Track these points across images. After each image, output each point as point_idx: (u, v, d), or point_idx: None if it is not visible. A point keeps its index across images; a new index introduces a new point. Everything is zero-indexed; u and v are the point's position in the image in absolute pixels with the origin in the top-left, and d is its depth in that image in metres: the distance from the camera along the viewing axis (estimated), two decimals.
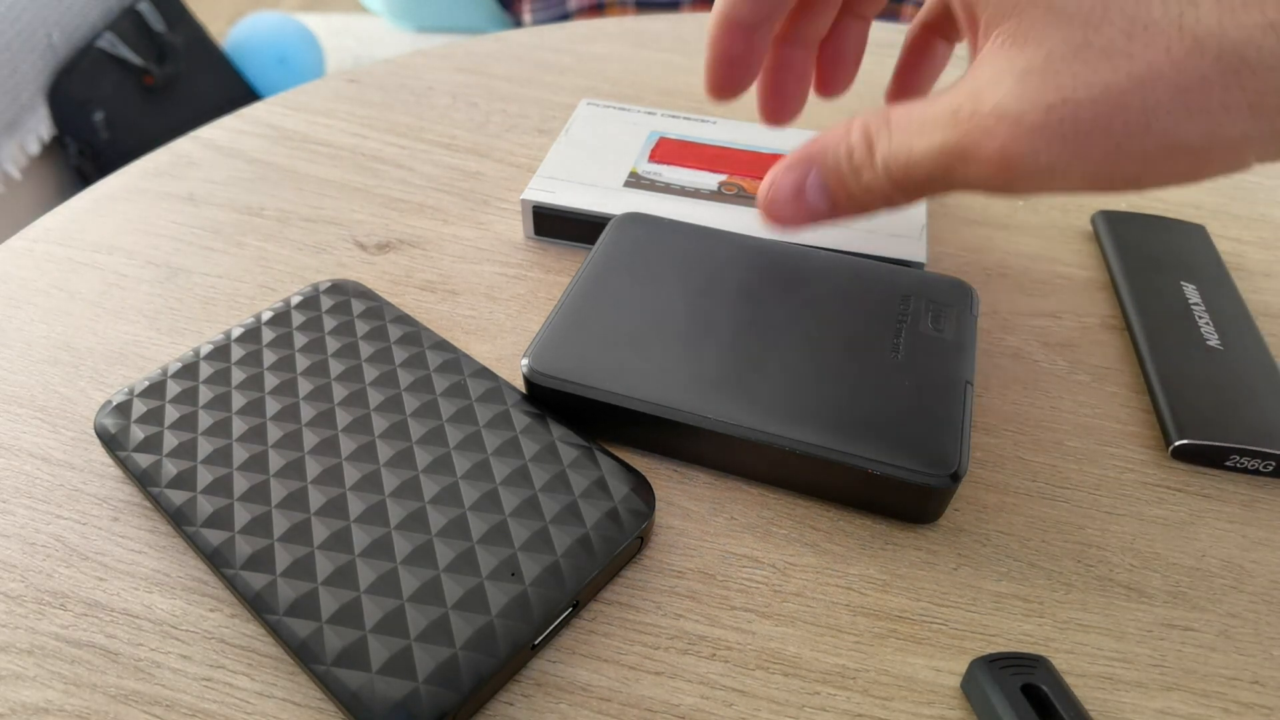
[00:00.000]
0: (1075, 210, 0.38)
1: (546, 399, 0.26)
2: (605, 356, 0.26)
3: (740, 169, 0.36)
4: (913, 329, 0.27)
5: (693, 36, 0.51)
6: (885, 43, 0.51)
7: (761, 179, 0.31)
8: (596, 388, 0.26)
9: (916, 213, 0.34)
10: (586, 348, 0.27)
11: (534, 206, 0.34)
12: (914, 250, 0.32)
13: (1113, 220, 0.36)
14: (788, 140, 0.38)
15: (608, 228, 0.31)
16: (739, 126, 0.39)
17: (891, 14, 1.39)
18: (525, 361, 0.26)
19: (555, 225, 0.34)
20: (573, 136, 0.37)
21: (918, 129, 0.21)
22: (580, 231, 0.34)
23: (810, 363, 0.26)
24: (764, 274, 0.29)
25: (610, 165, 0.36)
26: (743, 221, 0.33)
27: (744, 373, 0.26)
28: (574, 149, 0.36)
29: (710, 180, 0.35)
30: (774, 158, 0.36)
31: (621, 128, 0.38)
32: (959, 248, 0.35)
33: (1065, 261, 0.35)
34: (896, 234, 0.33)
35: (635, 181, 0.35)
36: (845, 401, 0.25)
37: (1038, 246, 0.36)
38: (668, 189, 0.34)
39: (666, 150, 0.37)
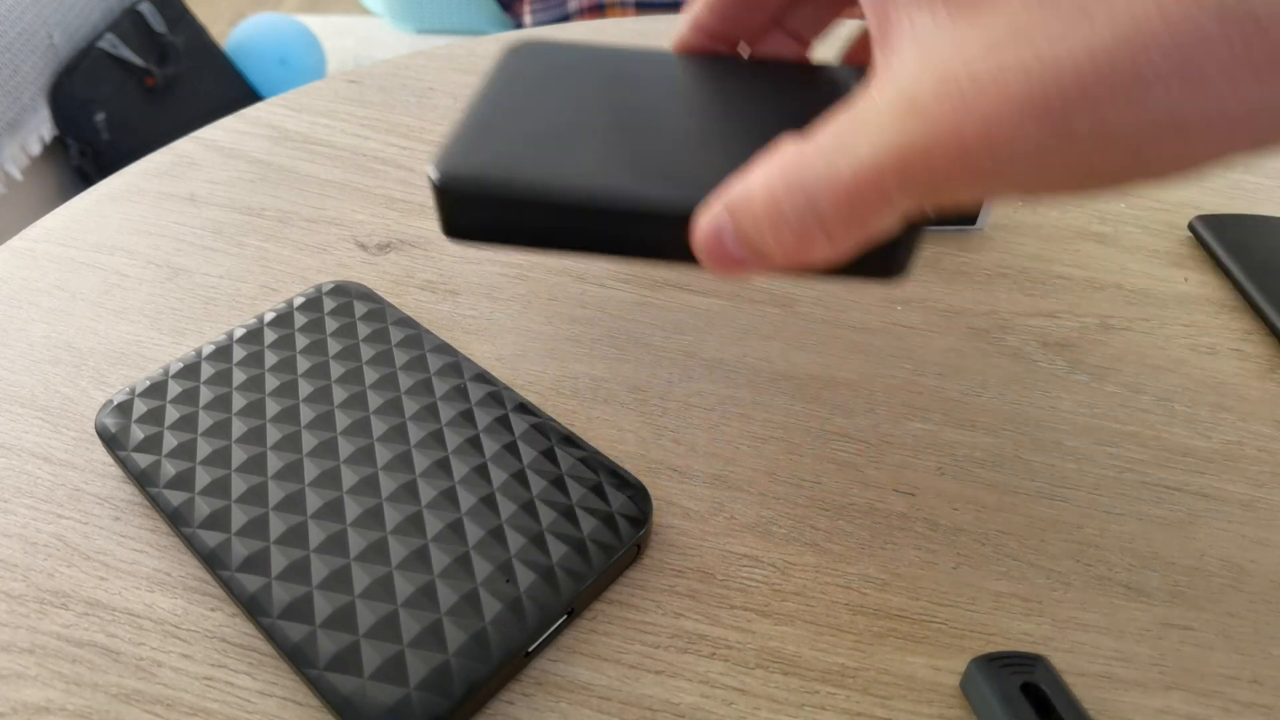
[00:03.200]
0: (1074, 211, 0.38)
1: (466, 215, 0.23)
2: (524, 154, 0.23)
3: None
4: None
5: None
6: None
7: None
8: (524, 183, 0.22)
9: None
10: (501, 148, 0.23)
11: None
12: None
13: (1216, 225, 0.35)
14: None
15: (499, 58, 0.27)
16: None
17: None
18: (433, 170, 0.22)
19: None
20: None
21: (854, 137, 0.17)
22: None
23: (731, 143, 0.23)
24: (688, 79, 0.27)
25: None
26: None
27: (672, 156, 0.23)
28: None
29: None
30: None
31: None
32: (957, 248, 0.35)
33: (1064, 261, 0.35)
34: None
35: None
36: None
37: (1036, 247, 0.36)
38: None
39: None
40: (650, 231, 0.22)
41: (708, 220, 0.20)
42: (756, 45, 0.29)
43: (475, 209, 0.23)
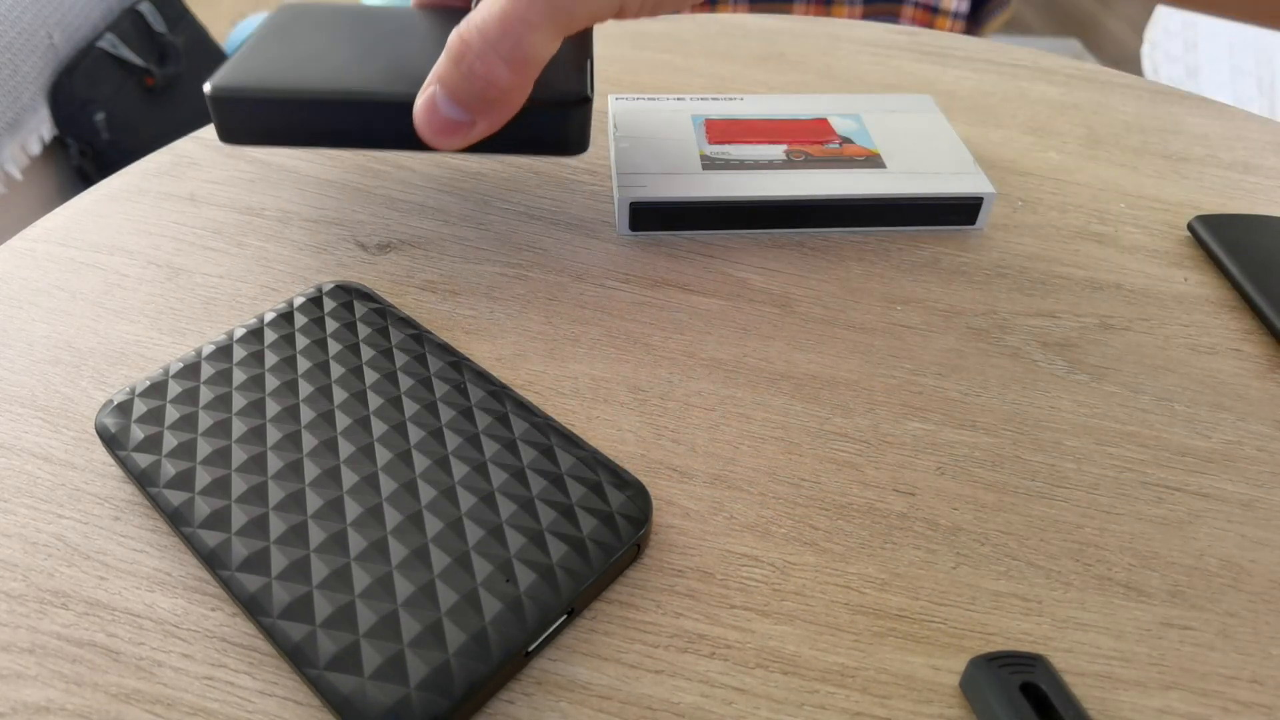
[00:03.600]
0: (1073, 211, 0.38)
1: (235, 118, 0.30)
2: (280, 69, 0.31)
3: (795, 138, 0.38)
4: None
5: (691, 37, 0.51)
6: (884, 43, 0.51)
7: (816, 144, 0.37)
8: (277, 85, 0.30)
9: (961, 151, 0.37)
10: (265, 68, 0.31)
11: (631, 204, 0.35)
12: (977, 184, 0.35)
13: (1215, 225, 0.35)
14: (820, 107, 0.40)
15: (268, 15, 0.35)
16: (764, 100, 0.41)
17: (891, 14, 1.40)
18: (207, 86, 0.30)
19: (650, 218, 0.35)
20: (624, 133, 0.38)
21: None
22: (673, 220, 0.35)
23: None
24: (419, 20, 0.35)
25: (677, 153, 0.37)
26: (815, 183, 0.35)
27: (409, 64, 0.31)
28: (634, 144, 0.38)
29: (775, 151, 0.37)
30: (816, 123, 0.39)
31: (664, 117, 0.39)
32: (956, 248, 0.35)
33: (1064, 261, 0.35)
34: (957, 172, 0.36)
35: (710, 163, 0.36)
36: None
37: (1036, 247, 0.36)
38: (741, 165, 0.36)
39: (718, 131, 0.38)
40: (381, 118, 0.30)
41: (422, 96, 0.27)
42: None
43: (242, 112, 0.30)
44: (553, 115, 0.30)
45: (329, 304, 0.29)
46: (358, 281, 0.32)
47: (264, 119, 0.30)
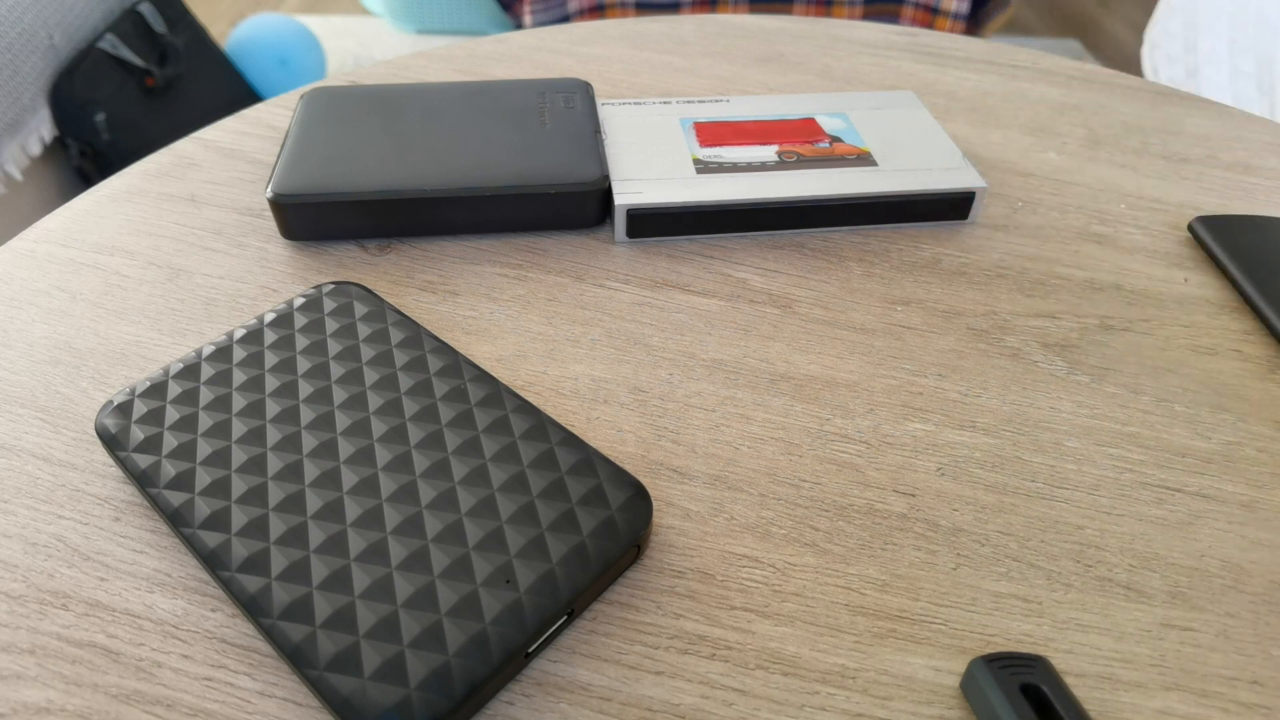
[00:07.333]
0: (1074, 211, 0.38)
1: (296, 219, 0.33)
2: (334, 170, 0.34)
3: (785, 138, 0.38)
4: (552, 109, 0.38)
5: (691, 38, 0.51)
6: (884, 44, 0.51)
7: (805, 144, 0.37)
8: (339, 190, 0.33)
9: (949, 146, 0.38)
10: (316, 170, 0.34)
11: (628, 210, 0.35)
12: (969, 179, 0.36)
13: (1215, 225, 0.35)
14: (806, 107, 0.40)
15: (299, 104, 0.39)
16: (751, 101, 0.41)
17: (891, 14, 1.40)
18: (269, 191, 0.33)
19: (647, 224, 0.35)
20: (616, 138, 0.38)
21: None
22: (669, 226, 0.35)
23: (491, 140, 0.36)
24: (438, 101, 0.39)
25: (670, 157, 0.37)
26: (809, 184, 0.36)
27: (444, 154, 0.35)
28: (627, 149, 0.38)
29: (767, 153, 0.37)
30: (804, 123, 0.39)
31: (654, 121, 0.40)
32: (957, 248, 0.35)
33: (1064, 262, 0.35)
34: (948, 168, 0.36)
35: (704, 167, 0.36)
36: (521, 155, 0.35)
37: (1036, 247, 0.36)
38: (735, 167, 0.36)
39: (709, 134, 0.39)
40: (431, 211, 0.34)
41: None
42: None
43: (303, 215, 0.33)
44: (575, 199, 0.34)
45: (329, 304, 0.29)
46: (358, 282, 0.32)
47: (324, 219, 0.34)
